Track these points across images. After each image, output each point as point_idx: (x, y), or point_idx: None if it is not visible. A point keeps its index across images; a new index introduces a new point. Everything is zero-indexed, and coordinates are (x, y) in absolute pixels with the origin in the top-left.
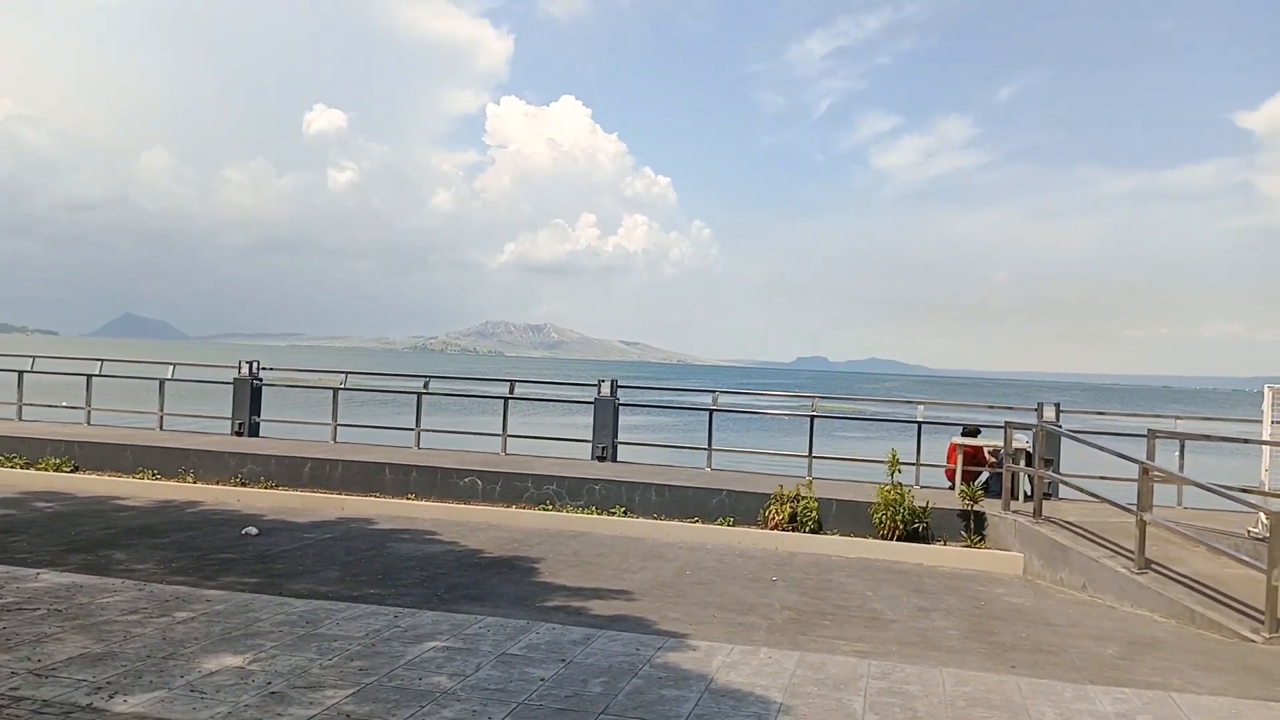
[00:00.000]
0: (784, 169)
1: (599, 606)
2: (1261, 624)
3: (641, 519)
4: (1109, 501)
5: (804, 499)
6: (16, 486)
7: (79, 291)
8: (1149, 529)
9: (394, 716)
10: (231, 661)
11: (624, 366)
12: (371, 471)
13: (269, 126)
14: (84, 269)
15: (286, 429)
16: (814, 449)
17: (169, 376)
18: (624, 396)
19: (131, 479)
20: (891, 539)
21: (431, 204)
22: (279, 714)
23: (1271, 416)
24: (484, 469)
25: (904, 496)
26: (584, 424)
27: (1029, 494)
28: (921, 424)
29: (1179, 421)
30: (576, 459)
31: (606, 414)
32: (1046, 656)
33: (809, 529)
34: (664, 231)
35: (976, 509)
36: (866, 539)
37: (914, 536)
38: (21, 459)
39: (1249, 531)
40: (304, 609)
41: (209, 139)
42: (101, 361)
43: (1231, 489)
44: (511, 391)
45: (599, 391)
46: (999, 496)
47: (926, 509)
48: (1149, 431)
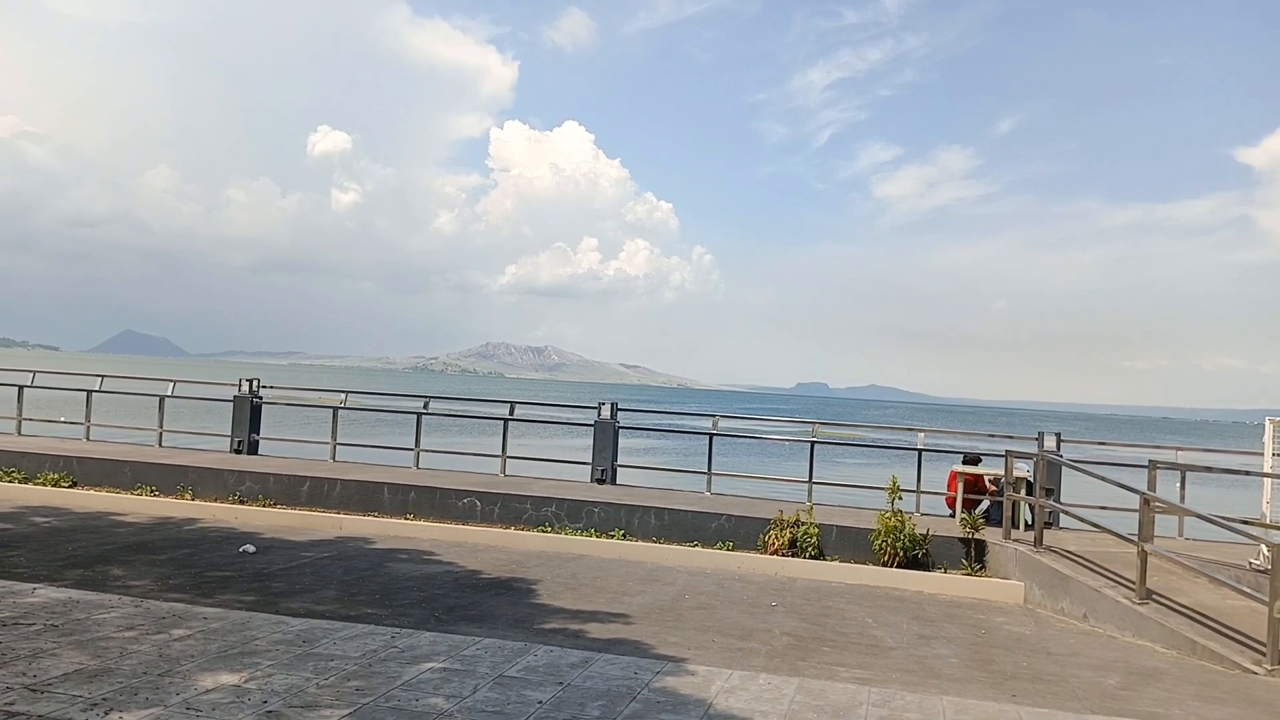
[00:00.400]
0: (785, 197)
1: (597, 629)
2: (1263, 656)
3: (641, 542)
4: (1110, 531)
5: (804, 524)
6: (15, 501)
7: (80, 308)
8: (1150, 560)
9: None
10: (228, 679)
11: (624, 390)
12: (370, 491)
13: (273, 147)
14: (86, 285)
15: (286, 447)
16: (814, 475)
17: (169, 393)
18: (624, 419)
19: (130, 495)
20: (892, 566)
21: (433, 226)
22: None
23: (1272, 449)
24: (483, 490)
25: (904, 523)
26: (583, 446)
27: (1030, 523)
28: (922, 451)
29: (1180, 453)
30: (576, 481)
31: (606, 437)
32: (1047, 686)
33: (809, 555)
34: (665, 256)
35: (977, 537)
36: (867, 565)
37: (914, 564)
38: (20, 473)
39: (1250, 563)
40: (301, 628)
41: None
42: (102, 378)
43: (1233, 521)
44: (511, 413)
45: (599, 414)
46: (999, 525)
47: (927, 536)
48: (1150, 462)
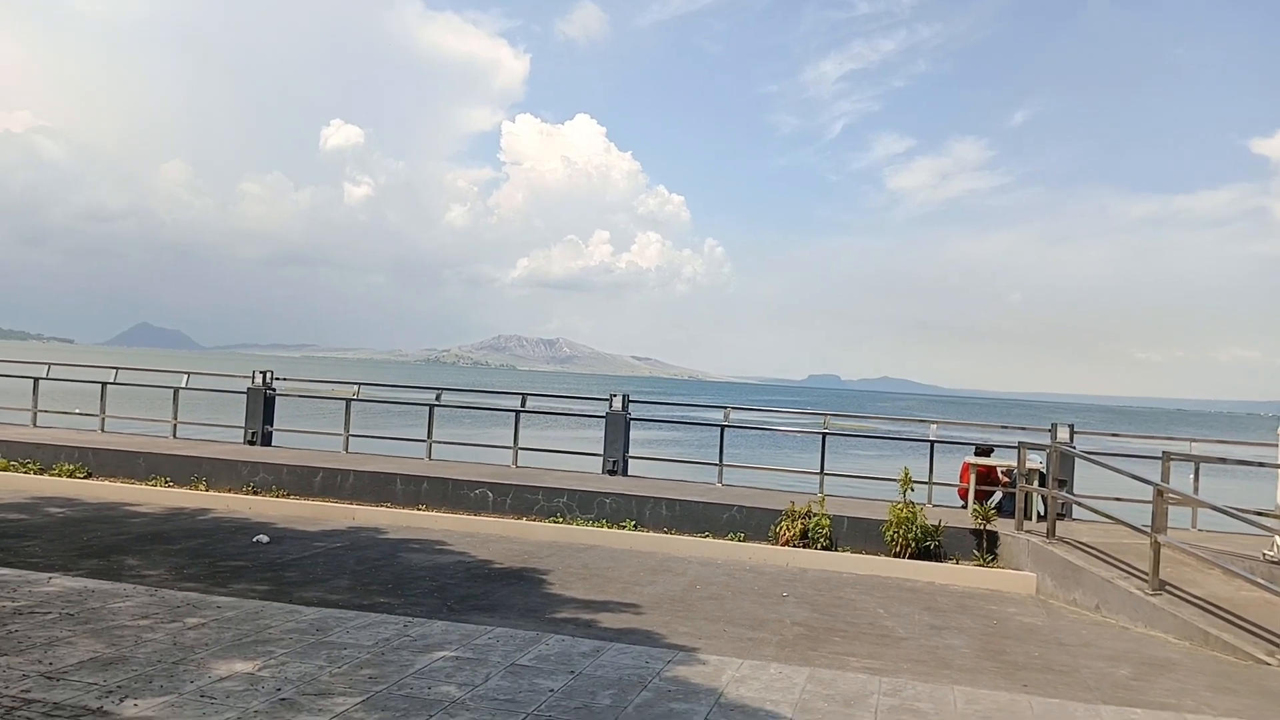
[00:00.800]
0: (797, 189)
1: (609, 619)
2: (1276, 647)
3: (652, 533)
4: (1123, 523)
5: (816, 515)
6: (30, 491)
7: (95, 301)
8: (1163, 551)
9: None
10: (242, 668)
11: (636, 382)
12: (383, 482)
13: (286, 141)
14: (101, 279)
15: (299, 439)
16: (826, 466)
17: (183, 385)
18: (635, 411)
19: (144, 486)
20: (904, 557)
21: (446, 219)
22: None
23: None
24: (495, 481)
25: (916, 515)
26: (595, 438)
27: (1042, 514)
28: (934, 443)
29: (1194, 444)
30: (587, 472)
31: (618, 428)
32: (1059, 676)
33: (820, 545)
34: (677, 249)
35: (989, 528)
36: (878, 556)
37: (926, 555)
38: (36, 464)
39: (1264, 555)
40: (314, 617)
41: (226, 153)
42: (116, 369)
43: (1247, 512)
44: (523, 405)
45: (610, 406)
46: (1012, 516)
47: (939, 527)
48: (1164, 454)
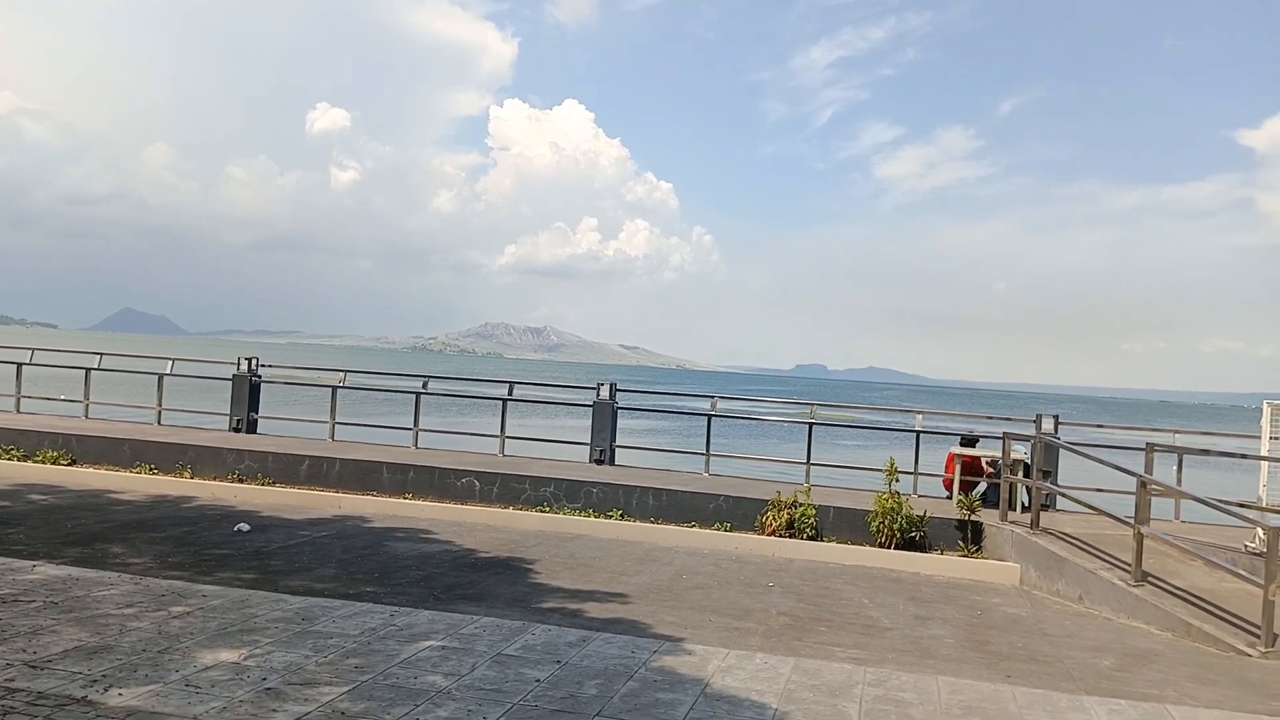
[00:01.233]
0: (786, 177)
1: (595, 609)
2: (1258, 638)
3: (639, 522)
4: (1106, 514)
5: (802, 506)
6: (13, 479)
7: (79, 286)
8: (1146, 542)
9: (389, 715)
10: (227, 657)
11: (623, 370)
12: (369, 470)
13: (272, 125)
14: (84, 263)
15: (284, 426)
16: (812, 456)
17: (168, 371)
18: (623, 400)
19: (129, 473)
20: (889, 547)
21: (433, 205)
22: (274, 710)
23: (1270, 432)
24: (482, 470)
25: (901, 505)
26: (582, 427)
27: (1026, 505)
28: (920, 433)
29: (1177, 436)
30: (574, 461)
31: (605, 417)
32: (1042, 666)
33: (806, 536)
34: (665, 237)
35: (974, 519)
36: (864, 547)
37: (911, 545)
38: (19, 451)
39: (1246, 546)
40: (300, 606)
41: (212, 136)
42: (100, 355)
43: (1229, 504)
44: (510, 393)
45: (598, 395)
46: (996, 507)
47: (924, 518)
48: (1147, 445)
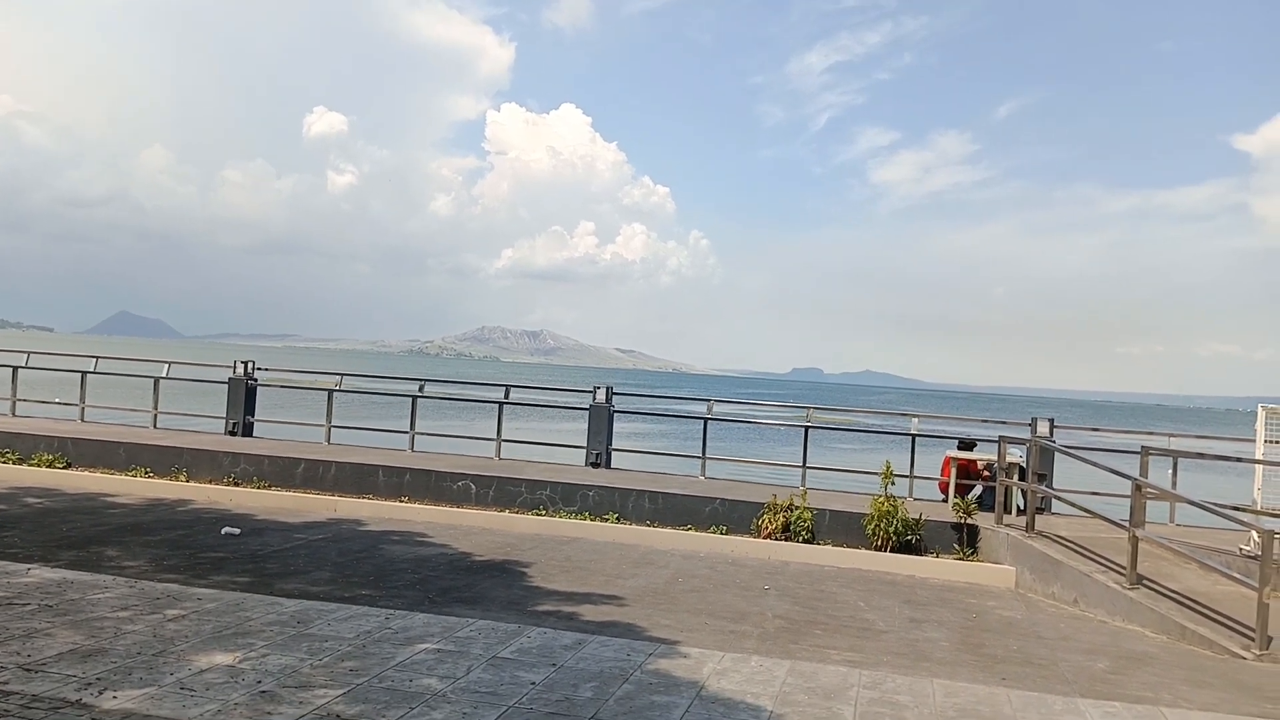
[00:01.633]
0: (783, 181)
1: (591, 612)
2: (1252, 641)
3: (635, 526)
4: (1102, 517)
5: (798, 509)
6: (9, 482)
7: (75, 289)
8: (1141, 545)
9: (384, 717)
10: (222, 660)
11: (620, 374)
12: (365, 473)
13: (269, 128)
14: (81, 266)
15: (280, 429)
16: (808, 459)
17: (164, 375)
18: (619, 404)
19: (124, 476)
20: (884, 550)
21: (430, 209)
22: (269, 713)
23: (1265, 435)
24: (478, 473)
25: (897, 508)
26: (578, 430)
27: (1022, 508)
28: (916, 437)
29: (1173, 439)
30: (570, 465)
31: (601, 421)
32: (1037, 669)
33: (802, 539)
34: (662, 241)
35: (970, 522)
36: (859, 550)
37: (907, 548)
38: (14, 454)
39: (1240, 549)
40: (295, 609)
41: (209, 139)
42: (96, 359)
43: (1224, 507)
44: (506, 396)
45: (594, 398)
46: (992, 510)
47: (920, 521)
48: (1143, 448)
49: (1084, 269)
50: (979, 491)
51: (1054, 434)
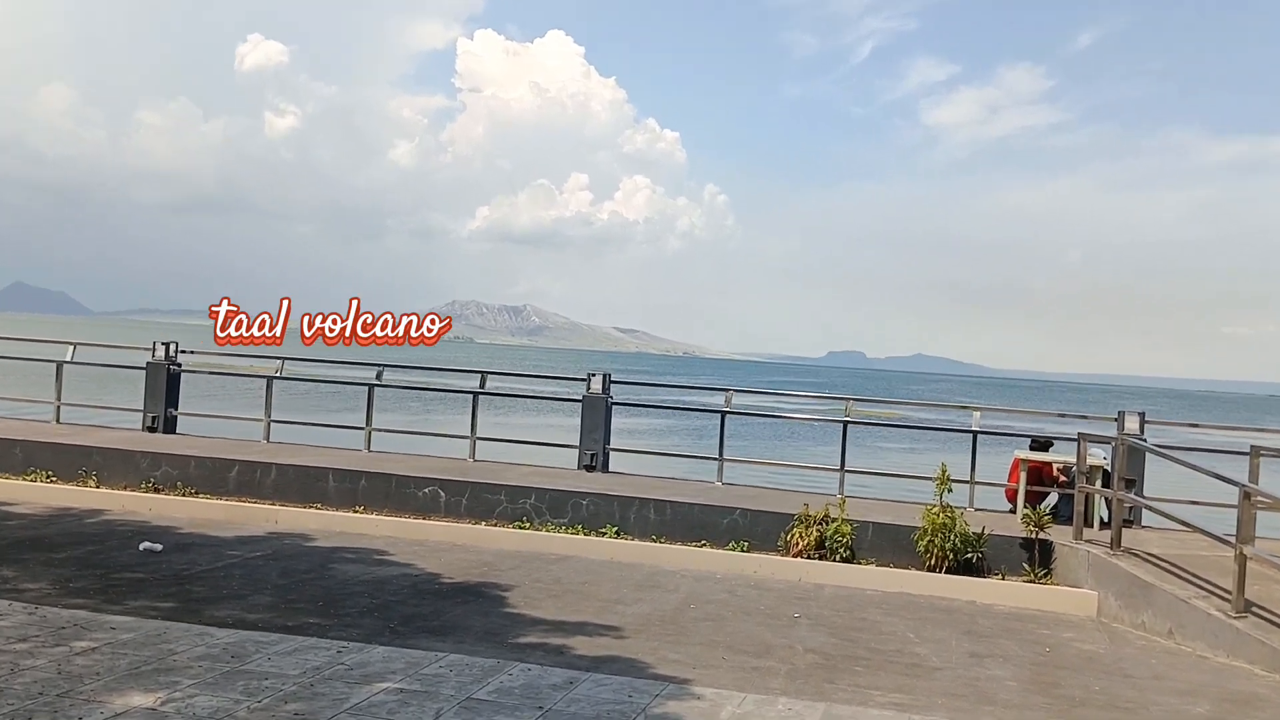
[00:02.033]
0: (816, 125)
1: (584, 644)
2: None
3: (637, 541)
4: (1203, 531)
5: (834, 521)
6: None
7: None
8: (1250, 565)
9: None
10: (140, 701)
11: (620, 358)
12: (312, 478)
13: (194, 61)
14: None
15: (210, 425)
16: (847, 461)
17: (68, 359)
18: (619, 394)
19: (21, 481)
20: (939, 570)
21: (389, 158)
22: None
23: None
24: (448, 478)
25: (955, 520)
26: (570, 426)
27: (1106, 520)
28: (977, 434)
29: None
30: (560, 468)
31: (597, 414)
32: (1123, 714)
33: (840, 557)
34: (670, 197)
35: (1042, 537)
36: (909, 570)
37: (966, 568)
38: None
39: None
40: (229, 640)
41: (121, 74)
42: None
43: None
44: (483, 385)
45: (589, 387)
46: (1069, 522)
47: (982, 536)
48: (1252, 448)
49: (1180, 230)
50: (1054, 500)
51: (1145, 431)
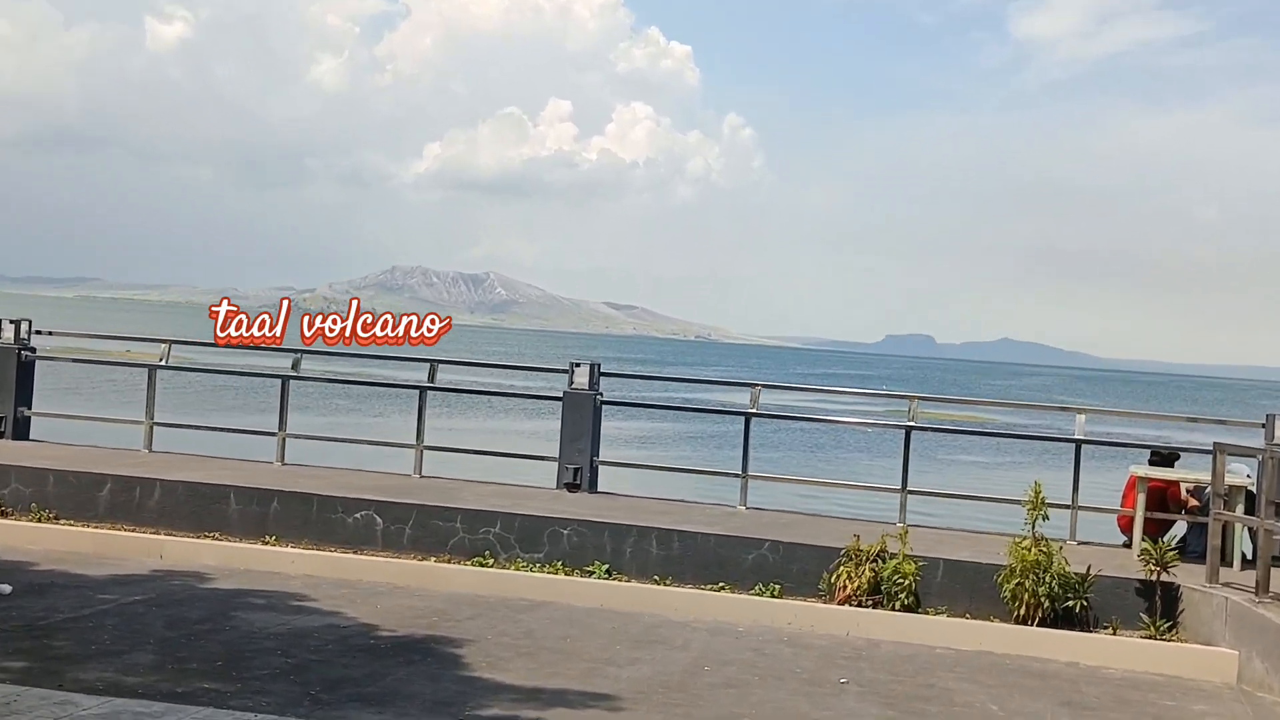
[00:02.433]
0: (872, 37)
1: (565, 719)
2: None
3: (635, 582)
4: None
5: (893, 557)
6: None
7: None
8: None
9: None
10: None
11: (613, 343)
12: (208, 498)
13: None
14: None
15: (74, 428)
16: (910, 479)
17: None
18: (611, 390)
19: None
20: (1030, 622)
21: (309, 79)
22: None
23: None
24: (387, 499)
25: (1052, 556)
26: (546, 432)
27: (1250, 557)
28: (1081, 443)
29: None
30: (534, 486)
31: (583, 416)
32: None
33: (900, 604)
34: (679, 131)
35: (1166, 579)
36: (990, 622)
37: (1066, 619)
38: None
39: None
40: (99, 712)
41: None
42: None
43: None
44: (432, 378)
45: (571, 381)
46: (1201, 560)
47: (1087, 577)
48: None
49: None
50: (1181, 531)
51: None
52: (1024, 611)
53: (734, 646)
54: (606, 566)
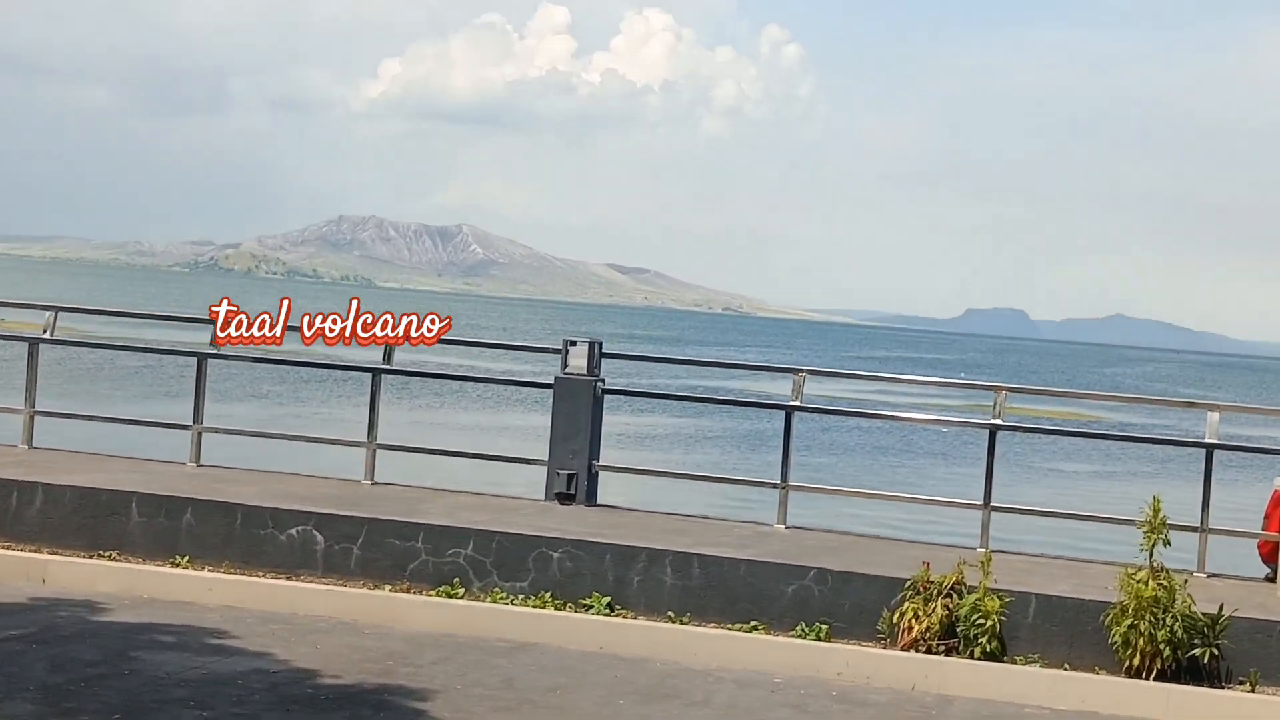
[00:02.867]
0: None
1: None
2: None
3: (643, 620)
4: None
5: (972, 591)
6: None
7: None
8: None
9: None
10: None
11: (619, 315)
12: (104, 507)
13: None
14: None
15: None
16: (995, 492)
17: None
18: (615, 374)
19: None
20: (1146, 676)
21: None
22: None
23: None
24: (330, 511)
25: (1174, 592)
26: (533, 428)
27: None
28: (1213, 448)
29: None
30: (517, 497)
31: (579, 409)
32: None
33: (981, 650)
34: (705, 47)
35: None
36: (1095, 674)
37: (1191, 671)
38: None
39: None
40: None
41: None
42: None
43: None
44: (388, 359)
45: (565, 364)
46: None
47: (1218, 619)
48: None
49: None
50: None
51: None
52: (1138, 661)
53: (768, 702)
54: (607, 600)
